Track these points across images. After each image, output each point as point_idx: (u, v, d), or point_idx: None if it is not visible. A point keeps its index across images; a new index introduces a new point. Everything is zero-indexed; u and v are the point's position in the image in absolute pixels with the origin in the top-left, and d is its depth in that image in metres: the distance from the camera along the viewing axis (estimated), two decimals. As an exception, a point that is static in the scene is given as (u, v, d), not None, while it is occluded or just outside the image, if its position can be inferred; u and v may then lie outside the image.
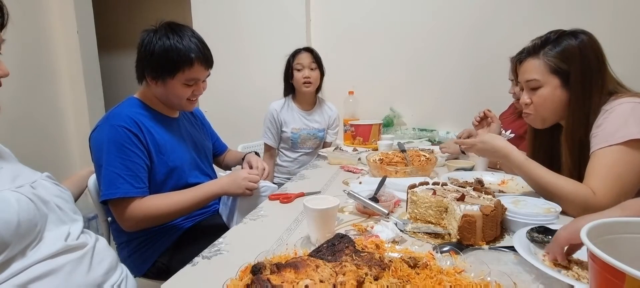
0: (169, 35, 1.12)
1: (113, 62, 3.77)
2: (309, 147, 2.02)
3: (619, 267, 0.40)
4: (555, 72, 1.00)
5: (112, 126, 1.07)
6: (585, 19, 2.15)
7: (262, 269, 0.53)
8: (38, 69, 2.38)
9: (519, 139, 1.55)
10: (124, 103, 1.18)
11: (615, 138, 0.90)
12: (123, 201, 1.05)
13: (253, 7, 2.53)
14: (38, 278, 0.64)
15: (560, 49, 1.00)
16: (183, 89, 1.17)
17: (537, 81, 1.03)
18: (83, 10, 2.57)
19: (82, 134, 2.64)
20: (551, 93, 1.02)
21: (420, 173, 1.29)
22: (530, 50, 1.06)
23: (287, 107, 1.99)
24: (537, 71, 1.03)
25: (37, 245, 0.66)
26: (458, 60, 2.33)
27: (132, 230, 1.10)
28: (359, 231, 0.83)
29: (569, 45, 0.99)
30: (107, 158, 1.04)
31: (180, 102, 1.21)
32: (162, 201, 1.11)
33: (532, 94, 1.06)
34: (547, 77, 1.02)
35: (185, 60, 1.12)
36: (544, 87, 1.02)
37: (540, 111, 1.06)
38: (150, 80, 1.16)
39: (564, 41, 1.00)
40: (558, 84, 1.01)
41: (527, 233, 0.73)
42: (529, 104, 1.07)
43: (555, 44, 1.01)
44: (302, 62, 1.91)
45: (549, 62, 1.01)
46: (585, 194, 0.90)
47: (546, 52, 1.02)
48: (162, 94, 1.19)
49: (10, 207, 0.62)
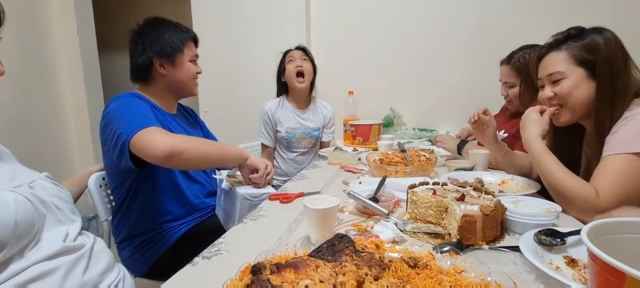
0: (160, 22, 1.23)
1: (113, 62, 3.77)
2: (304, 146, 2.02)
3: (619, 267, 0.40)
4: (581, 62, 0.97)
5: (128, 95, 1.16)
6: (587, 20, 2.16)
7: (262, 269, 0.53)
8: (38, 68, 2.38)
9: (512, 138, 1.55)
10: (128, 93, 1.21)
11: (630, 147, 0.88)
12: (154, 130, 1.01)
13: (253, 7, 2.53)
14: (36, 279, 0.64)
15: (585, 41, 0.97)
16: (191, 65, 1.26)
17: (560, 73, 1.00)
18: (83, 10, 2.57)
19: (82, 134, 2.64)
20: (577, 83, 0.98)
21: (420, 173, 1.28)
22: (552, 44, 1.03)
23: (281, 106, 1.99)
24: (561, 63, 1.00)
25: (36, 246, 0.66)
26: (458, 60, 2.33)
27: (171, 147, 0.99)
28: (359, 231, 0.83)
29: (593, 38, 0.97)
30: (128, 109, 1.08)
31: (190, 81, 1.27)
32: (188, 139, 1.12)
33: (554, 87, 1.02)
34: (572, 69, 0.98)
35: (185, 36, 1.24)
36: (568, 79, 0.99)
37: (568, 101, 1.01)
38: (159, 66, 1.21)
39: (588, 35, 0.98)
40: (583, 75, 0.98)
41: (534, 236, 0.73)
42: (552, 97, 1.03)
43: (578, 37, 0.99)
44: (293, 55, 1.92)
45: (574, 52, 0.98)
46: (589, 194, 0.89)
47: (569, 44, 0.99)
48: (173, 79, 1.24)
49: (8, 207, 0.61)
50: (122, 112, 1.07)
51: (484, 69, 2.24)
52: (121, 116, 1.06)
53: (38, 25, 2.37)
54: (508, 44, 1.63)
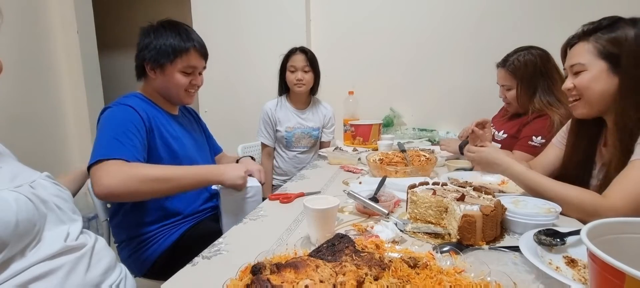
0: (167, 26, 1.19)
1: (113, 62, 3.77)
2: (303, 146, 2.02)
3: (619, 267, 0.40)
4: (604, 56, 0.95)
5: (125, 99, 1.14)
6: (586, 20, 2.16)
7: (262, 269, 0.53)
8: (38, 68, 2.38)
9: (511, 138, 1.55)
10: (129, 95, 1.21)
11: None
12: (109, 163, 0.96)
13: (253, 7, 2.53)
14: (37, 278, 0.64)
15: (614, 34, 0.95)
16: (181, 77, 1.20)
17: (581, 65, 0.98)
18: (83, 10, 2.57)
19: (82, 134, 2.65)
20: (596, 76, 0.96)
21: (420, 173, 1.28)
22: (580, 34, 1.01)
23: (281, 106, 2.00)
24: (584, 55, 0.98)
25: (37, 245, 0.66)
26: (458, 60, 2.33)
27: (108, 192, 0.94)
28: (359, 231, 0.83)
29: (624, 31, 0.94)
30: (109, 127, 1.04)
31: (179, 91, 1.22)
32: (151, 168, 1.03)
33: (574, 78, 1.01)
34: (593, 61, 0.96)
35: (182, 46, 1.18)
36: (588, 71, 0.97)
37: (586, 94, 0.99)
38: (149, 70, 1.20)
39: (619, 27, 0.95)
40: (604, 68, 0.95)
41: (534, 236, 0.73)
42: (572, 88, 1.02)
43: (609, 28, 0.96)
44: (296, 65, 1.91)
45: (599, 45, 0.96)
46: (592, 199, 0.88)
47: (598, 36, 0.97)
48: (162, 85, 1.21)
49: (9, 207, 0.61)
50: (104, 128, 1.05)
51: (484, 69, 2.23)
52: (101, 133, 1.04)
53: (38, 25, 2.37)
54: (508, 44, 1.63)
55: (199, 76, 1.27)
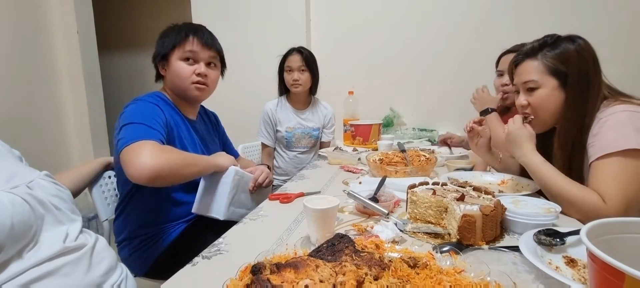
0: (175, 25, 1.24)
1: (113, 62, 3.77)
2: (304, 146, 2.03)
3: (618, 267, 0.40)
4: (554, 73, 1.01)
5: (149, 96, 1.16)
6: (585, 21, 2.17)
7: (262, 269, 0.53)
8: (38, 68, 2.38)
9: None
10: (152, 93, 1.22)
11: (615, 146, 0.90)
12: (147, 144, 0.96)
13: (253, 8, 2.53)
14: (37, 279, 0.64)
15: (558, 51, 1.00)
16: (183, 65, 1.20)
17: (535, 82, 1.03)
18: (83, 10, 2.57)
19: (82, 134, 2.64)
20: (549, 94, 1.02)
21: (420, 173, 1.29)
22: (528, 52, 1.06)
23: (281, 106, 2.01)
24: (535, 72, 1.03)
25: (34, 247, 0.66)
26: (458, 60, 2.33)
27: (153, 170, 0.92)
28: (359, 231, 0.83)
29: (567, 47, 1.00)
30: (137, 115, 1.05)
31: (185, 83, 1.21)
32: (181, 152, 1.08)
33: (529, 96, 1.06)
34: (545, 78, 1.02)
35: (180, 34, 1.20)
36: (542, 88, 1.03)
37: (540, 113, 1.05)
38: (160, 68, 1.23)
39: (562, 44, 1.01)
40: (556, 85, 1.01)
41: (534, 236, 0.73)
42: (526, 105, 1.07)
43: (553, 46, 1.02)
44: (292, 65, 1.92)
45: (548, 63, 1.01)
46: (594, 201, 0.89)
47: (544, 53, 1.02)
48: (171, 80, 1.23)
49: (4, 210, 0.61)
50: (132, 117, 1.05)
51: (483, 69, 2.24)
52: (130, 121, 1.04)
53: (38, 26, 2.38)
54: (508, 44, 1.63)
55: (207, 67, 1.25)
